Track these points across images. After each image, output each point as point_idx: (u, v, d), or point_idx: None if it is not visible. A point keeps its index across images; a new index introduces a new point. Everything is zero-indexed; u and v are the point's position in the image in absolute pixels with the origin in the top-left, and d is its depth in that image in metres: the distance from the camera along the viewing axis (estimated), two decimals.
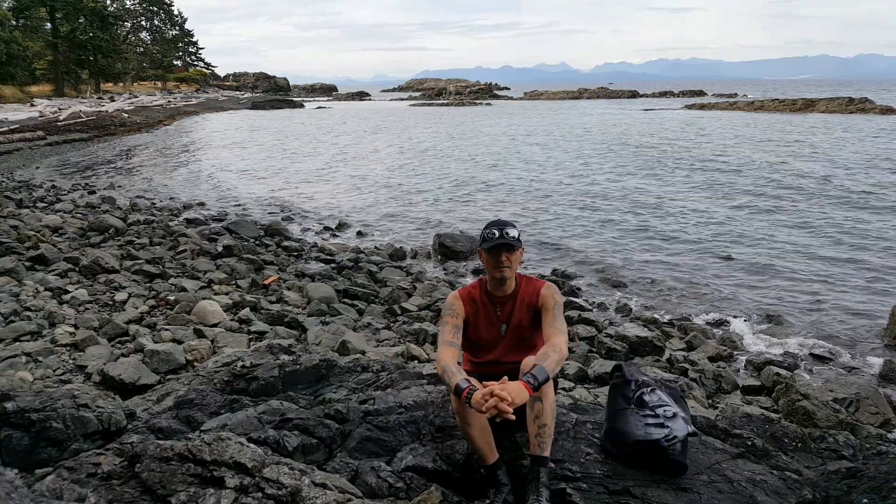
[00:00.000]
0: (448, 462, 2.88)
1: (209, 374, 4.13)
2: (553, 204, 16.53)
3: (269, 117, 56.13)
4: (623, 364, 3.17)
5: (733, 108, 60.35)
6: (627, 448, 2.81)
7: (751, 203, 15.99)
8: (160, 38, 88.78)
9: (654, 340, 7.18)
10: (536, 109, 68.02)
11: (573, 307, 8.48)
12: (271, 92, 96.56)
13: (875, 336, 7.76)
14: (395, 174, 22.54)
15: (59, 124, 32.42)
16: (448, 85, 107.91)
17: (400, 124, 48.43)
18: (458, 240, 11.74)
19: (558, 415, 3.14)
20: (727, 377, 6.35)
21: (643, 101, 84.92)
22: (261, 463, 2.35)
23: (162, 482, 2.27)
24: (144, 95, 63.87)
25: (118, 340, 6.19)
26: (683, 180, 19.84)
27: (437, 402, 3.31)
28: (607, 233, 13.37)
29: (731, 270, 10.56)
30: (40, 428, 2.85)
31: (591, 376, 6.12)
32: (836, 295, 9.22)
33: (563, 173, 21.91)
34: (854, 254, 11.33)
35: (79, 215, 13.17)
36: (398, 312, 8.11)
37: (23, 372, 5.10)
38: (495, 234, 2.82)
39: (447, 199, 17.70)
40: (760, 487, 2.72)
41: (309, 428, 3.04)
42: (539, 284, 2.95)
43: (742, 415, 4.03)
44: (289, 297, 8.27)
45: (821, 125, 39.98)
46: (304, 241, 12.48)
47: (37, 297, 7.21)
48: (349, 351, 6.03)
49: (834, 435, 3.47)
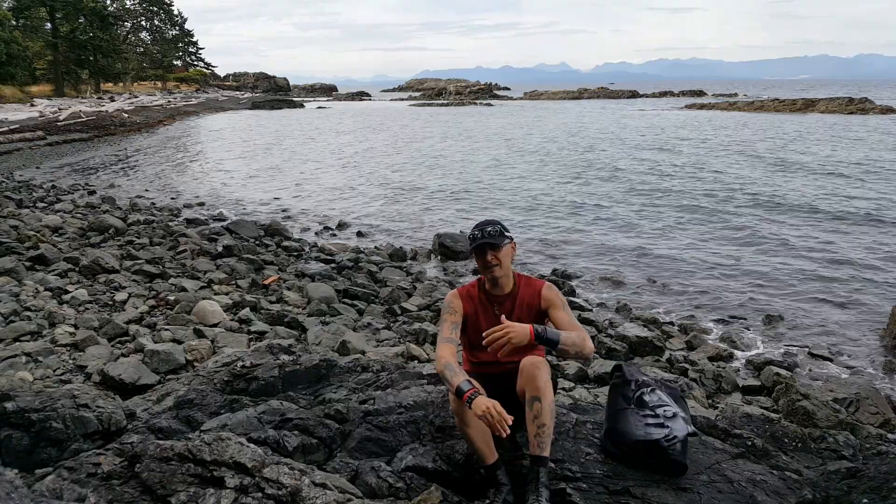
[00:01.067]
0: (448, 462, 2.88)
1: (209, 374, 4.13)
2: (553, 204, 16.52)
3: (269, 117, 56.13)
4: (623, 364, 3.17)
5: (733, 108, 60.38)
6: (627, 448, 2.81)
7: (751, 203, 16.00)
8: (160, 38, 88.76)
9: (654, 340, 7.18)
10: (536, 109, 68.03)
11: (573, 307, 8.48)
12: (271, 92, 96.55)
13: (875, 336, 7.76)
14: (395, 174, 22.54)
15: (59, 124, 32.41)
16: (448, 85, 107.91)
17: (400, 124, 48.43)
18: (458, 240, 11.74)
19: (558, 415, 3.14)
20: (727, 377, 6.36)
21: (643, 102, 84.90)
22: (261, 463, 2.35)
23: (162, 482, 2.27)
24: (144, 95, 63.86)
25: (118, 340, 6.19)
26: (684, 180, 19.84)
27: (437, 402, 3.31)
28: (607, 233, 13.37)
29: (732, 270, 10.56)
30: (40, 428, 2.85)
31: (591, 376, 6.12)
32: (836, 295, 9.22)
33: (562, 173, 21.91)
34: (854, 254, 11.33)
35: (79, 215, 13.17)
36: (398, 312, 8.11)
37: (23, 372, 5.10)
38: (477, 234, 2.87)
39: (447, 199, 17.71)
40: (760, 487, 2.72)
41: (309, 428, 3.04)
42: (539, 285, 2.95)
43: (742, 415, 4.03)
44: (289, 297, 8.27)
45: (822, 125, 39.98)
46: (304, 241, 12.48)
47: (37, 297, 7.21)
48: (349, 351, 6.03)
49: (834, 435, 3.47)
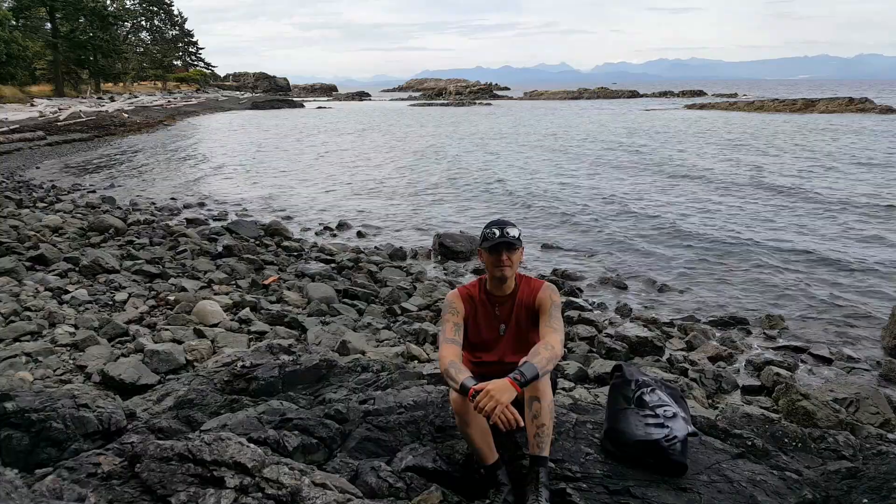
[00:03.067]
0: (448, 462, 2.88)
1: (209, 374, 4.13)
2: (553, 204, 16.51)
3: (270, 117, 56.14)
4: (623, 364, 3.17)
5: (733, 108, 60.38)
6: (627, 448, 2.81)
7: (751, 204, 15.99)
8: (160, 38, 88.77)
9: (654, 340, 7.17)
10: (536, 109, 68.02)
11: (573, 307, 8.48)
12: (271, 92, 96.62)
13: (875, 336, 7.76)
14: (395, 174, 22.54)
15: (59, 124, 32.42)
16: (448, 85, 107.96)
17: (400, 124, 48.43)
18: (458, 240, 11.74)
19: (558, 415, 3.14)
20: (727, 377, 6.35)
21: (643, 102, 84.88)
22: (261, 463, 2.35)
23: (162, 482, 2.27)
24: (144, 95, 63.88)
25: (118, 340, 6.18)
26: (684, 181, 19.84)
27: (437, 402, 3.31)
28: (607, 233, 13.36)
29: (731, 270, 10.56)
30: (40, 428, 2.85)
31: (591, 376, 6.12)
32: (836, 295, 9.21)
33: (562, 173, 21.90)
34: (854, 253, 11.32)
35: (79, 215, 13.17)
36: (398, 312, 8.10)
37: (23, 372, 5.10)
38: (496, 233, 2.81)
39: (447, 199, 17.70)
40: (760, 487, 2.72)
41: (309, 428, 3.04)
42: (538, 285, 2.94)
43: (742, 415, 4.03)
44: (289, 297, 8.27)
45: (824, 125, 39.99)
46: (304, 241, 12.47)
47: (37, 297, 7.21)
48: (349, 351, 6.03)
49: (834, 435, 3.47)
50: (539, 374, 2.52)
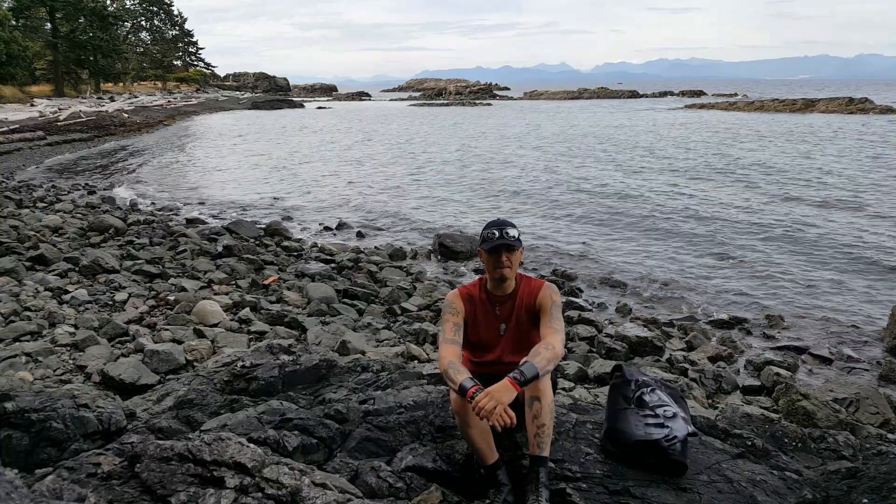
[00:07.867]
0: (448, 462, 2.88)
1: (209, 374, 4.13)
2: (553, 204, 16.52)
3: (270, 117, 56.14)
4: (623, 364, 3.17)
5: (733, 108, 60.38)
6: (627, 448, 2.81)
7: (751, 204, 15.99)
8: (160, 38, 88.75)
9: (654, 340, 7.17)
10: (536, 110, 68.02)
11: (573, 307, 8.48)
12: (271, 92, 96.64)
13: (875, 336, 7.76)
14: (395, 174, 22.53)
15: (59, 124, 32.39)
16: (448, 85, 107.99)
17: (400, 124, 48.42)
18: (458, 240, 11.74)
19: (558, 415, 3.14)
20: (727, 377, 6.35)
21: (643, 102, 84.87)
22: (261, 463, 2.35)
23: (162, 482, 2.27)
24: (144, 95, 63.87)
25: (118, 340, 6.18)
26: (684, 181, 19.83)
27: (437, 402, 3.31)
28: (607, 233, 13.36)
29: (732, 270, 10.56)
30: (40, 428, 2.85)
31: (591, 376, 6.12)
32: (836, 295, 9.21)
33: (561, 173, 21.90)
34: (854, 253, 11.32)
35: (79, 215, 13.16)
36: (398, 312, 8.10)
37: (23, 372, 5.10)
38: (495, 234, 2.81)
39: (447, 199, 17.70)
40: (760, 487, 2.72)
41: (309, 428, 3.03)
42: (538, 285, 2.94)
43: (742, 415, 4.03)
44: (289, 297, 8.27)
45: (825, 125, 39.98)
46: (303, 241, 12.47)
47: (37, 297, 7.21)
48: (349, 351, 6.03)
49: (834, 435, 3.47)
50: (539, 374, 2.52)
